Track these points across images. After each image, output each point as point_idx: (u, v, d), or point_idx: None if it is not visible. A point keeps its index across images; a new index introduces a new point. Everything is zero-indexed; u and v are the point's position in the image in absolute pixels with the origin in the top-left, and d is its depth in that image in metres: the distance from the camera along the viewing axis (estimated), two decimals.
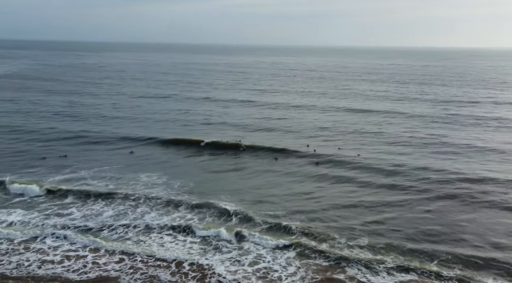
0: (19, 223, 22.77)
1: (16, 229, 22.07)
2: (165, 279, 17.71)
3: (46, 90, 75.16)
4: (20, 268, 18.53)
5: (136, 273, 18.09)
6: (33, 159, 33.73)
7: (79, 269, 18.47)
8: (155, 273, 18.14)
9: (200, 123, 48.68)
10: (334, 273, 18.22)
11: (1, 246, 20.44)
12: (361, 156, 34.80)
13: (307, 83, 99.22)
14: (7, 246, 20.44)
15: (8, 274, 18.08)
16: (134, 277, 17.88)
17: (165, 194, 26.91)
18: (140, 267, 18.59)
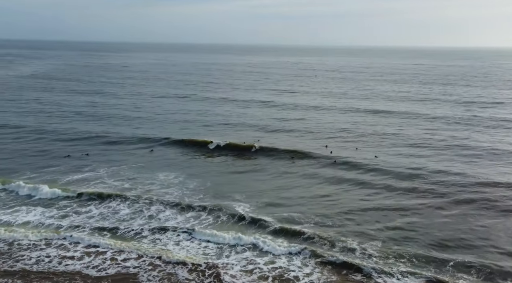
0: (40, 220, 23.43)
1: (37, 225, 22.73)
2: (183, 277, 18.02)
3: (70, 90, 76.75)
4: (41, 264, 19.08)
5: (154, 271, 18.45)
6: (56, 158, 34.60)
7: (98, 266, 18.91)
8: (173, 271, 18.47)
9: (218, 123, 48.95)
10: (350, 273, 18.26)
11: (22, 242, 21.04)
12: (379, 158, 34.40)
13: (327, 83, 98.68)
14: (28, 241, 21.05)
15: (28, 269, 18.64)
16: (152, 274, 18.23)
17: (180, 193, 27.25)
18: (158, 264, 18.97)
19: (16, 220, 23.48)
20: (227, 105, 62.62)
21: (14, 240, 21.12)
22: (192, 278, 17.96)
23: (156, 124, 48.52)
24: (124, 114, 54.03)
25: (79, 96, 69.75)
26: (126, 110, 56.76)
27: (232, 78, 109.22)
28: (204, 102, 65.77)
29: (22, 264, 19.02)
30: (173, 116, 52.92)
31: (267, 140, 40.71)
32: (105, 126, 46.44)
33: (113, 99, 66.57)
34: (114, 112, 55.26)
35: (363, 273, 18.34)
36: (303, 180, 30.20)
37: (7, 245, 20.71)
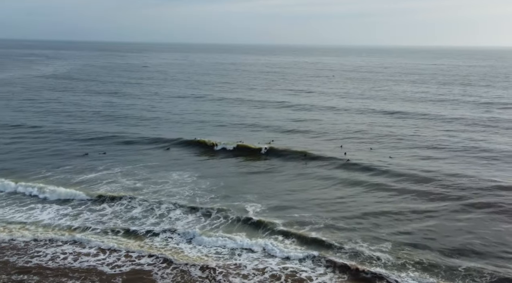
0: (54, 218, 24.00)
1: (51, 223, 23.30)
2: (196, 275, 18.30)
3: (89, 90, 77.95)
4: (56, 260, 19.54)
5: (167, 268, 18.75)
6: (73, 156, 35.28)
7: (112, 263, 19.28)
8: (185, 269, 18.75)
9: (233, 124, 49.12)
10: (361, 276, 18.24)
11: (36, 239, 21.55)
12: (394, 160, 34.01)
13: (345, 83, 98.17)
14: (42, 239, 21.56)
15: (44, 265, 19.12)
16: (166, 271, 18.53)
17: (192, 193, 27.52)
18: (171, 263, 19.26)
19: (31, 218, 24.08)
20: (243, 106, 62.80)
21: (28, 237, 21.63)
22: (205, 276, 18.21)
23: (172, 124, 48.95)
24: (140, 114, 54.67)
25: (98, 96, 70.81)
26: (143, 110, 57.41)
27: (249, 78, 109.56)
28: (220, 102, 66.05)
29: (37, 260, 19.51)
30: (189, 117, 53.28)
31: (281, 141, 40.76)
32: (122, 126, 47.11)
33: (130, 99, 67.41)
34: (131, 112, 55.92)
35: (373, 276, 18.26)
36: (315, 181, 30.12)
37: (23, 242, 21.23)
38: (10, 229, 22.41)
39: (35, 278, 18.04)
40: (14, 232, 22.07)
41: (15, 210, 25.10)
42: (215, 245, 20.83)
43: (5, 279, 17.96)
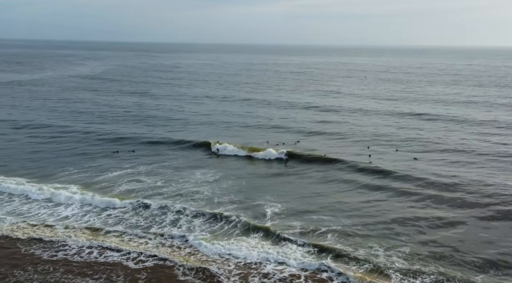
0: (78, 214, 25.06)
1: (76, 219, 24.32)
2: (214, 270, 18.86)
3: (122, 91, 79.93)
4: (81, 254, 20.43)
5: (187, 266, 19.31)
6: (100, 155, 36.43)
7: (136, 258, 20.02)
8: (205, 265, 19.33)
9: (259, 125, 49.14)
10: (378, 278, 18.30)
11: (62, 235, 22.46)
12: (420, 165, 33.09)
13: (376, 84, 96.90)
14: (68, 235, 22.48)
15: (69, 259, 20.04)
16: (187, 266, 19.14)
17: (211, 193, 28.04)
18: (191, 260, 19.87)
19: (54, 214, 25.16)
20: (270, 107, 62.90)
21: (54, 233, 22.62)
22: (221, 272, 18.71)
23: (199, 125, 49.47)
24: (169, 114, 55.63)
25: (129, 96, 72.45)
26: (172, 111, 58.36)
27: (279, 78, 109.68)
28: (247, 103, 66.37)
29: (63, 254, 20.45)
30: (216, 117, 53.70)
31: (306, 143, 40.72)
32: (150, 126, 48.13)
33: (160, 100, 68.63)
34: (160, 113, 56.83)
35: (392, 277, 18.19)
36: (337, 185, 29.83)
37: (48, 238, 22.19)
38: (35, 225, 23.48)
39: (60, 270, 18.95)
40: (38, 227, 23.19)
41: (40, 206, 26.21)
42: (230, 248, 20.95)
43: (31, 270, 18.97)
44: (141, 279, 18.38)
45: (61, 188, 28.24)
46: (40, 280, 18.22)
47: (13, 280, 18.25)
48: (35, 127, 47.02)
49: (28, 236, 22.18)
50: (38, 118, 52.40)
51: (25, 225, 23.53)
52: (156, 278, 18.39)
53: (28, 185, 28.60)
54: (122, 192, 28.26)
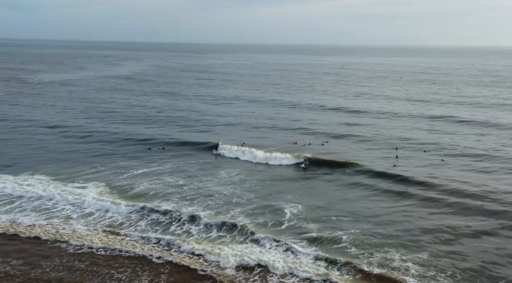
0: (102, 211, 26.00)
1: (100, 216, 25.37)
2: (230, 274, 19.39)
3: (156, 92, 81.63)
4: (106, 249, 21.45)
5: (206, 261, 20.06)
6: (128, 154, 37.68)
7: (160, 254, 20.82)
8: (221, 265, 19.95)
9: (287, 127, 49.16)
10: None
11: (87, 230, 23.54)
12: (447, 173, 31.93)
13: (412, 86, 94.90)
14: (91, 232, 23.51)
15: (95, 253, 21.06)
16: (204, 266, 19.73)
17: (231, 192, 28.65)
18: (207, 258, 20.48)
19: (77, 211, 26.19)
20: (300, 108, 62.78)
21: (75, 229, 23.69)
22: (239, 275, 19.24)
23: (228, 126, 50.01)
24: (200, 116, 56.25)
25: (162, 97, 73.81)
26: (203, 112, 59.09)
27: (311, 79, 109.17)
28: (276, 104, 66.31)
29: (87, 248, 21.45)
30: (245, 119, 53.83)
31: (332, 145, 40.57)
32: (180, 127, 49.07)
33: (192, 101, 69.65)
34: (190, 114, 57.50)
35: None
36: (358, 190, 29.46)
37: (71, 231, 23.35)
38: (58, 223, 24.55)
39: (86, 262, 19.92)
40: (59, 224, 24.33)
41: (65, 203, 27.26)
42: (245, 249, 21.24)
43: (58, 262, 20.02)
44: (164, 273, 19.03)
45: (85, 186, 29.51)
46: (66, 271, 19.19)
47: (40, 270, 19.31)
48: (68, 127, 48.71)
49: (53, 231, 23.31)
50: (72, 118, 54.50)
51: (48, 222, 24.62)
52: (177, 272, 19.06)
53: (51, 186, 29.56)
54: (142, 190, 29.05)
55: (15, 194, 28.25)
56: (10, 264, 19.73)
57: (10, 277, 18.63)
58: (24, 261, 20.03)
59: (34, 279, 18.59)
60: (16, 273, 18.98)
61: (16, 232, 22.93)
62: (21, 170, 32.79)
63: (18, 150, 38.91)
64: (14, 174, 31.88)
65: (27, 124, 50.24)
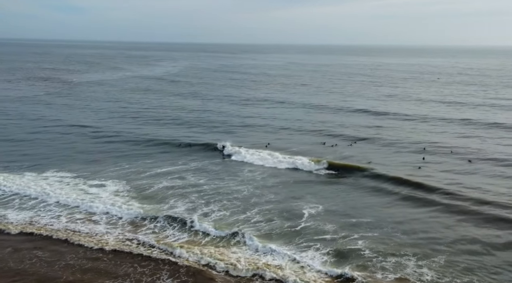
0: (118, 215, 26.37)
1: (122, 212, 26.10)
2: (243, 275, 19.87)
3: (189, 93, 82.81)
4: (125, 242, 22.35)
5: (221, 263, 20.29)
6: (153, 153, 38.78)
7: (180, 254, 21.09)
8: (234, 264, 20.27)
9: (312, 130, 48.97)
10: None
11: (100, 228, 24.46)
12: (474, 181, 30.60)
13: (448, 87, 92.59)
14: (114, 226, 24.50)
15: (117, 249, 21.83)
16: (221, 265, 20.03)
17: (251, 192, 29.11)
18: (222, 259, 20.73)
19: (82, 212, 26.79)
20: (327, 110, 62.33)
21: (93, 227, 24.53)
22: (250, 275, 19.65)
23: (257, 127, 50.33)
24: (229, 118, 56.49)
25: (194, 99, 74.70)
26: (232, 115, 59.40)
27: (345, 81, 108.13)
28: (305, 106, 65.85)
29: (96, 249, 22.04)
30: (272, 122, 53.74)
31: (357, 149, 40.21)
32: (208, 129, 49.62)
33: (222, 103, 70.26)
34: (220, 117, 57.79)
35: None
36: (379, 196, 28.83)
37: (81, 230, 24.21)
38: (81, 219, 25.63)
39: (109, 256, 20.77)
40: (83, 220, 25.38)
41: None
42: (261, 251, 21.37)
43: (81, 255, 21.04)
44: (182, 273, 19.40)
45: (103, 184, 30.54)
46: (89, 265, 20.04)
47: (63, 263, 20.34)
48: (99, 127, 49.89)
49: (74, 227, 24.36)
50: (104, 118, 56.28)
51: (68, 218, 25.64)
52: (197, 272, 19.47)
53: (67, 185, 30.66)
54: (158, 190, 29.70)
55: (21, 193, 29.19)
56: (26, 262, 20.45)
57: (25, 275, 19.26)
58: (39, 259, 20.75)
59: (47, 278, 19.14)
60: (30, 271, 19.61)
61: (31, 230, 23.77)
62: (48, 167, 34.18)
63: (48, 149, 40.47)
64: (41, 171, 33.33)
65: (61, 123, 52.01)
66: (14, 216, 25.65)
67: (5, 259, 20.62)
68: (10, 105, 64.74)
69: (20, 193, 29.06)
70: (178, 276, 19.28)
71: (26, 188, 29.61)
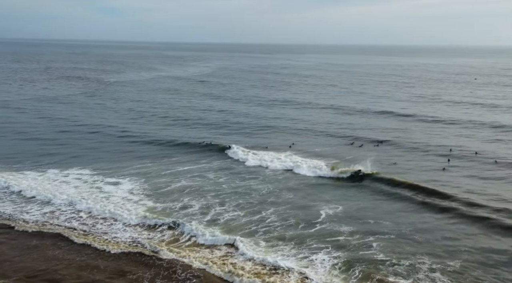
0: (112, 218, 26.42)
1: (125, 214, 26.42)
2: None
3: (218, 94, 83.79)
4: (126, 244, 22.84)
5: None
6: (180, 154, 39.58)
7: (199, 256, 21.25)
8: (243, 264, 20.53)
9: (336, 132, 48.69)
10: None
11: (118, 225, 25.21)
12: (497, 190, 29.22)
13: (485, 89, 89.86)
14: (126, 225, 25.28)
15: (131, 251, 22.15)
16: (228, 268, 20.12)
17: (269, 191, 29.65)
18: (233, 257, 21.14)
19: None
20: (354, 113, 61.36)
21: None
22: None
23: (284, 130, 50.20)
24: (255, 121, 56.16)
25: (223, 101, 74.84)
26: (257, 118, 59.21)
27: (376, 82, 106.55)
28: (331, 109, 64.85)
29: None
30: (299, 124, 53.27)
31: (381, 152, 39.62)
32: (237, 131, 49.83)
33: (250, 104, 70.43)
34: (246, 119, 57.30)
35: None
36: (398, 203, 28.04)
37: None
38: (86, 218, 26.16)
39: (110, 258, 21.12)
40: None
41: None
42: (263, 258, 20.96)
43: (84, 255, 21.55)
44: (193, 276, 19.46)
45: (120, 182, 31.52)
46: (105, 264, 20.51)
47: (64, 262, 20.84)
48: (127, 127, 50.81)
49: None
50: (133, 118, 57.77)
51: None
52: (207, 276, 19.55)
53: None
54: (177, 187, 30.49)
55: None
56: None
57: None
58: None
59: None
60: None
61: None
62: (72, 165, 35.55)
63: (74, 148, 41.57)
64: (64, 168, 34.75)
65: (90, 123, 53.23)
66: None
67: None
68: (46, 105, 67.42)
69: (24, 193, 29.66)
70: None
71: (41, 189, 30.07)
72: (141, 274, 19.61)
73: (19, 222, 25.13)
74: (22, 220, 25.48)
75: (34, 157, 37.89)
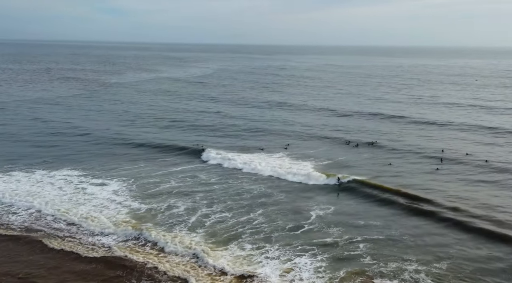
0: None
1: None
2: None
3: (216, 96, 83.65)
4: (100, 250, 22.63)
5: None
6: (175, 155, 39.64)
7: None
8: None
9: (331, 134, 48.72)
10: None
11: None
12: (487, 200, 28.48)
13: (485, 90, 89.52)
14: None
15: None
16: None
17: (271, 191, 30.01)
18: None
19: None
20: (354, 115, 61.32)
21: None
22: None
23: (276, 131, 50.39)
24: (248, 123, 56.90)
25: (220, 103, 75.25)
26: (255, 121, 59.74)
27: (376, 84, 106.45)
28: (329, 112, 64.55)
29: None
30: (293, 127, 52.99)
31: (369, 155, 39.39)
32: (235, 134, 49.34)
33: (245, 107, 70.70)
34: (244, 122, 56.98)
35: None
36: (386, 209, 27.61)
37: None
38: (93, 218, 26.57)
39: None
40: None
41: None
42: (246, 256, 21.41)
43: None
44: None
45: (106, 183, 31.63)
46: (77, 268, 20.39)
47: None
48: (123, 130, 50.48)
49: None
50: (129, 120, 57.67)
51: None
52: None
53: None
54: (166, 188, 30.68)
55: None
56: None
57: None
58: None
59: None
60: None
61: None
62: (60, 166, 35.61)
63: (67, 150, 41.44)
64: (52, 169, 34.83)
65: (85, 126, 52.69)
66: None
67: None
68: (43, 106, 67.38)
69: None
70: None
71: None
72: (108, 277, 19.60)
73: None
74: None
75: (23, 159, 37.80)
